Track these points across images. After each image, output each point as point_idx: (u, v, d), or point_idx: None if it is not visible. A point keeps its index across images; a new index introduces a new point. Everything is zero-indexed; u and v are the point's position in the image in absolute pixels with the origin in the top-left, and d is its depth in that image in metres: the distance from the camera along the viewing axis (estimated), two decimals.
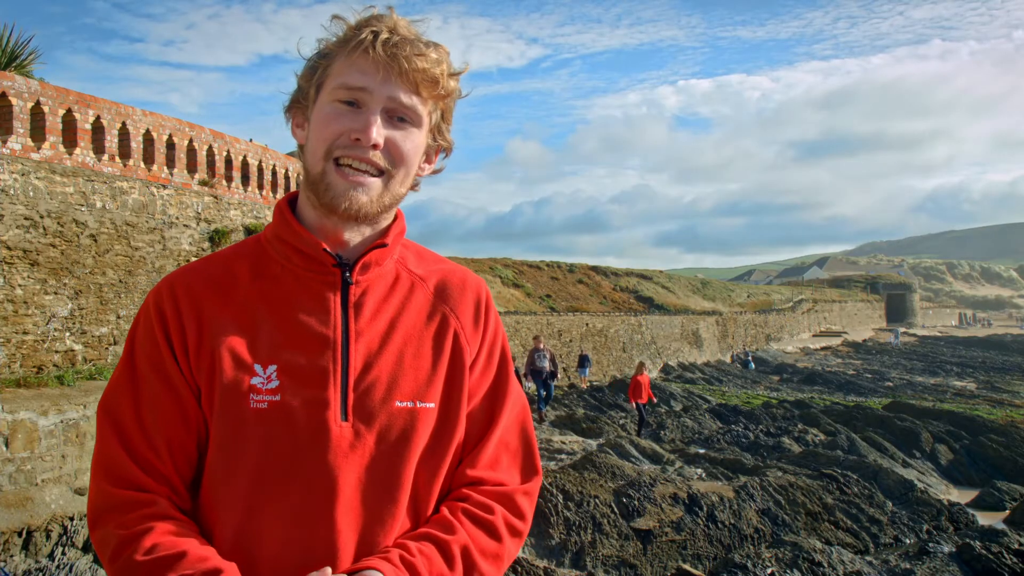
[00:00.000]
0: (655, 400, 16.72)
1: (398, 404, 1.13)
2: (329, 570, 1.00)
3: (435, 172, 1.24)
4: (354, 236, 1.17)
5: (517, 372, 15.63)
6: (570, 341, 24.57)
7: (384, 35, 1.08)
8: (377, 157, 1.10)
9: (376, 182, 1.12)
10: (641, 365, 15.76)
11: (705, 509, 8.72)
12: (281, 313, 1.14)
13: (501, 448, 1.20)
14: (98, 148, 9.87)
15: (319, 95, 1.13)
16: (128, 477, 1.09)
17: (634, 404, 15.40)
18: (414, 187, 1.21)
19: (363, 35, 1.09)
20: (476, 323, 1.23)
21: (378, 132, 1.09)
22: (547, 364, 16.12)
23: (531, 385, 16.73)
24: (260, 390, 1.09)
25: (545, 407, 16.38)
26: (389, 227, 1.20)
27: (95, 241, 9.71)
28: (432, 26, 1.15)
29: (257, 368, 1.10)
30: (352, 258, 1.17)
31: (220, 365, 1.10)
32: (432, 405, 1.15)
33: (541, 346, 16.50)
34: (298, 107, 1.18)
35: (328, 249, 1.14)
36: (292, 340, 1.12)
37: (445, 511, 1.13)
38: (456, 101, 1.20)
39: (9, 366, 8.54)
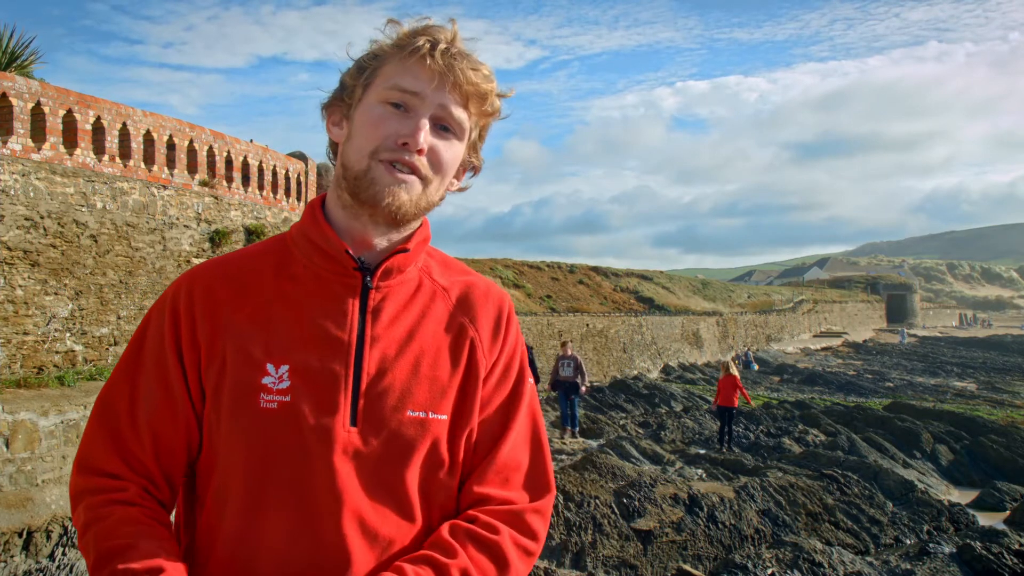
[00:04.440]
0: (750, 403, 13.98)
1: (410, 413, 1.12)
2: None
3: (461, 190, 1.24)
4: (381, 241, 1.16)
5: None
6: (571, 341, 24.56)
7: (443, 45, 1.09)
8: (421, 162, 1.10)
9: (416, 181, 1.12)
10: (727, 365, 13.50)
11: (705, 510, 8.72)
12: (298, 313, 1.13)
13: (510, 463, 1.18)
14: (98, 149, 9.88)
15: (365, 94, 1.13)
16: (105, 465, 1.10)
17: (715, 408, 13.37)
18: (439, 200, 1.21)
19: (421, 42, 1.09)
20: (495, 335, 1.22)
21: (426, 138, 1.09)
22: (571, 374, 13.61)
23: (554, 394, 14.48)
24: (271, 390, 1.08)
25: (573, 424, 13.92)
26: (413, 234, 1.20)
27: (95, 242, 9.71)
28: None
29: (269, 367, 1.09)
30: (375, 263, 1.16)
31: (232, 363, 1.10)
32: (444, 417, 1.14)
33: (568, 352, 14.05)
34: (338, 105, 1.18)
35: (351, 251, 1.14)
36: (306, 341, 1.12)
37: (446, 532, 1.11)
38: (495, 121, 1.21)
39: (9, 367, 8.54)
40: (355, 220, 1.14)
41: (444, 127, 1.12)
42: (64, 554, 6.24)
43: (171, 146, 11.08)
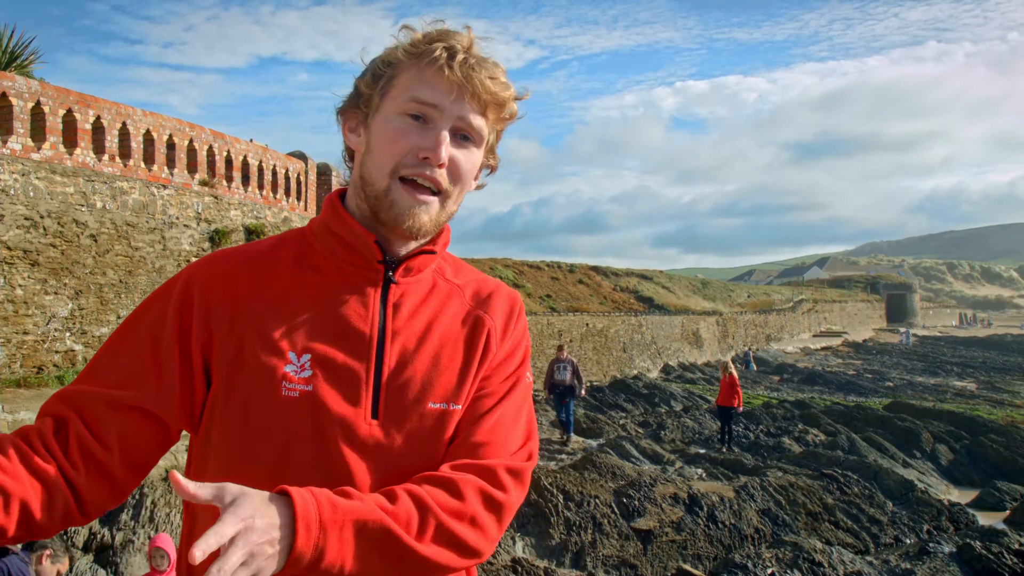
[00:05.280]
0: (738, 406, 13.57)
1: (431, 406, 1.12)
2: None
3: (478, 188, 1.25)
4: (402, 248, 1.17)
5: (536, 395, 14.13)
6: (570, 341, 24.55)
7: (461, 56, 1.08)
8: (441, 176, 1.11)
9: (435, 201, 1.12)
10: (727, 366, 13.65)
11: (705, 509, 8.73)
12: (320, 304, 1.13)
13: (492, 439, 1.13)
14: (98, 148, 9.88)
15: (383, 104, 1.13)
16: (50, 409, 1.06)
17: (717, 406, 13.59)
18: None
19: (437, 51, 1.08)
20: (507, 326, 1.23)
21: (446, 151, 1.09)
22: (567, 378, 13.32)
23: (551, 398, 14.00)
24: (293, 378, 1.07)
25: (568, 429, 13.59)
26: (436, 237, 1.21)
27: (95, 241, 9.71)
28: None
29: (291, 356, 1.08)
30: (396, 259, 1.17)
31: (250, 349, 1.08)
32: (461, 407, 1.14)
33: (564, 356, 13.71)
34: (354, 112, 1.17)
35: (380, 242, 1.14)
36: (328, 332, 1.11)
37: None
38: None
39: (9, 366, 8.54)
40: (376, 227, 1.15)
41: (464, 136, 1.12)
42: None
43: (171, 146, 11.08)
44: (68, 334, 9.31)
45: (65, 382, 8.68)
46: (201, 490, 0.88)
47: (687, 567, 7.38)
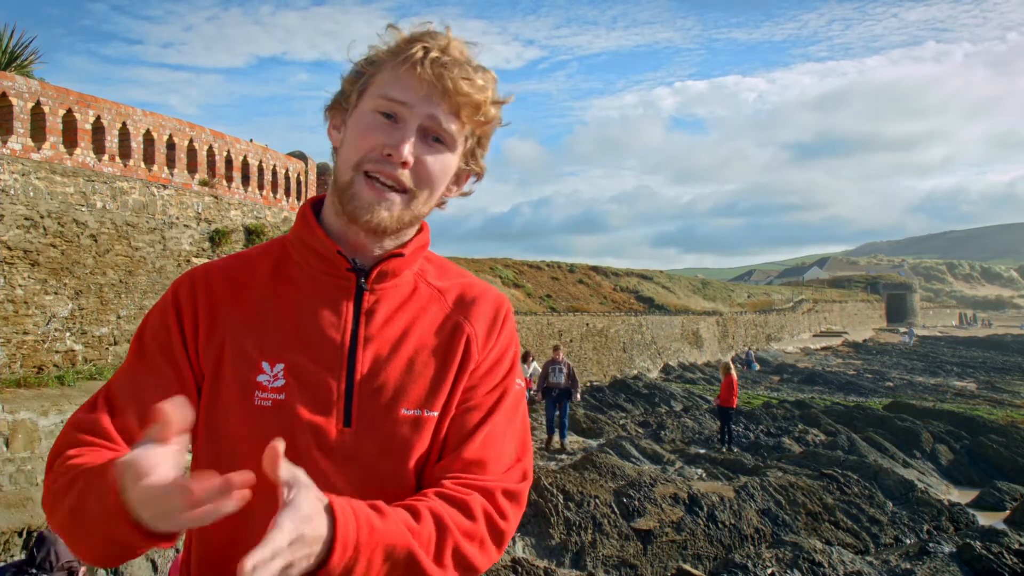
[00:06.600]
0: (733, 405, 13.51)
1: (404, 412, 1.11)
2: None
3: (463, 195, 1.24)
4: (376, 247, 1.16)
5: (530, 395, 14.06)
6: (570, 341, 24.56)
7: (434, 53, 1.08)
8: (404, 176, 1.10)
9: (398, 199, 1.11)
10: (727, 366, 13.62)
11: (705, 509, 8.73)
12: (294, 314, 1.14)
13: (485, 455, 1.12)
14: (98, 148, 9.88)
15: (360, 101, 1.13)
16: (95, 428, 1.07)
17: (717, 406, 13.65)
18: (440, 205, 1.20)
19: (414, 49, 1.09)
20: (490, 332, 1.21)
21: (410, 151, 1.09)
22: (563, 380, 13.07)
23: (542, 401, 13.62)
24: (265, 387, 1.09)
25: (562, 435, 13.29)
26: (411, 239, 1.20)
27: (95, 241, 9.71)
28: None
29: (264, 366, 1.10)
30: (369, 266, 1.16)
31: (228, 358, 1.11)
32: (437, 414, 1.13)
33: (560, 357, 13.34)
34: (338, 109, 1.18)
35: (344, 253, 1.14)
36: (301, 341, 1.12)
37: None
38: (495, 128, 1.20)
39: (9, 366, 8.54)
40: (348, 228, 1.15)
41: (435, 138, 1.11)
42: None
43: (171, 146, 11.08)
44: (68, 334, 9.31)
45: (65, 382, 8.68)
46: (283, 470, 0.88)
47: (687, 567, 7.38)
